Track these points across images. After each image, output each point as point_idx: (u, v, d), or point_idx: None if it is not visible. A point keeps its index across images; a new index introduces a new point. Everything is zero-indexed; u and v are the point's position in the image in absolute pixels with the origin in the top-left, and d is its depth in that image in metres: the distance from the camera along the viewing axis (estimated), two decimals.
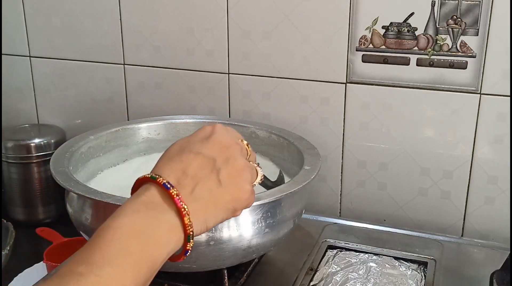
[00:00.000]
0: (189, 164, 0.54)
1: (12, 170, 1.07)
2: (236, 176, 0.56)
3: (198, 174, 0.54)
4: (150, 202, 0.51)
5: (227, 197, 0.55)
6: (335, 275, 0.83)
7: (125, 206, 0.51)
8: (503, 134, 0.94)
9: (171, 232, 0.51)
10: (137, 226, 0.49)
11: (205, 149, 0.56)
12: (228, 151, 0.57)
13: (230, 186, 0.55)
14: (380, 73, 0.98)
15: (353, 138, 1.03)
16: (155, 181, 0.52)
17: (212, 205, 0.54)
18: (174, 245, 0.51)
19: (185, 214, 0.51)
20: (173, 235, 0.51)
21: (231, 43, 1.06)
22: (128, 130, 0.97)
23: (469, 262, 0.90)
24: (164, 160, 0.55)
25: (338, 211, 1.09)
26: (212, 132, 0.58)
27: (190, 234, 0.51)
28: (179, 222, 0.51)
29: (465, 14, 0.91)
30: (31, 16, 1.20)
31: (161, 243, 0.50)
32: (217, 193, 0.54)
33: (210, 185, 0.54)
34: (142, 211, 0.50)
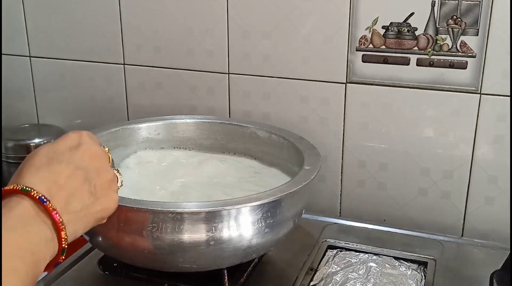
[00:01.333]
0: (59, 175, 0.54)
1: (12, 170, 1.07)
2: (107, 187, 0.58)
3: (70, 185, 0.54)
4: (25, 217, 0.50)
5: (97, 207, 0.56)
6: (335, 275, 0.83)
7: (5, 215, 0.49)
8: (503, 134, 0.94)
9: (49, 246, 0.51)
10: (18, 243, 0.48)
11: (76, 159, 0.56)
12: (98, 161, 0.58)
13: (101, 197, 0.57)
14: (380, 73, 0.98)
15: (353, 138, 1.03)
16: (28, 194, 0.51)
17: (83, 216, 0.55)
18: (49, 258, 0.52)
19: (62, 229, 0.51)
20: (50, 249, 0.51)
21: (231, 43, 1.06)
22: (128, 130, 0.97)
23: (469, 262, 0.90)
24: (31, 170, 0.53)
25: (338, 211, 1.09)
26: (79, 141, 0.58)
27: (64, 247, 0.52)
28: (55, 236, 0.51)
29: (465, 14, 0.91)
30: (31, 16, 1.20)
31: (42, 259, 0.50)
32: (89, 204, 0.55)
33: (82, 197, 0.54)
34: (20, 227, 0.49)
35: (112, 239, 0.73)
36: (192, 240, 0.70)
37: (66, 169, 0.54)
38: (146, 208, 0.69)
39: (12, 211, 0.50)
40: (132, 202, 0.70)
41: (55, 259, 0.52)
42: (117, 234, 0.72)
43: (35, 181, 0.52)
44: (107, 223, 0.72)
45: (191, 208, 0.70)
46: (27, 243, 0.49)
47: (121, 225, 0.71)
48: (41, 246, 0.50)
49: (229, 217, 0.71)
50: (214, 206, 0.71)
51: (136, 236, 0.71)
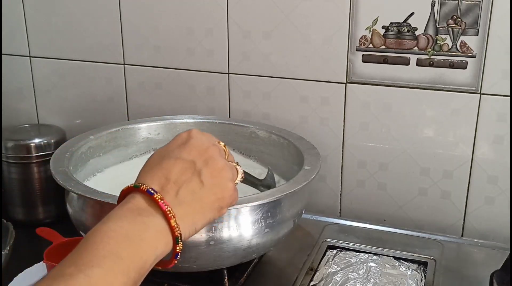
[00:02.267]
0: (170, 170, 0.55)
1: (12, 170, 1.07)
2: (217, 176, 0.57)
3: (180, 178, 0.55)
4: (136, 209, 0.52)
5: (211, 197, 0.56)
6: (335, 275, 0.83)
7: (112, 213, 0.52)
8: (503, 134, 0.94)
9: (158, 236, 0.52)
10: (124, 230, 0.50)
11: (184, 153, 0.57)
12: (207, 153, 0.58)
13: (213, 186, 0.57)
14: (380, 73, 0.98)
15: (353, 138, 1.03)
16: (139, 190, 0.54)
17: (198, 207, 0.55)
18: (163, 249, 0.53)
19: (171, 217, 0.52)
20: (161, 238, 0.52)
21: (231, 43, 1.06)
22: (128, 130, 0.97)
23: (469, 262, 0.90)
24: (145, 170, 0.57)
25: (338, 211, 1.09)
26: (188, 137, 0.60)
27: (177, 236, 0.53)
28: (166, 226, 0.53)
29: (465, 14, 0.91)
30: (31, 16, 1.19)
31: (149, 247, 0.51)
32: (201, 194, 0.56)
33: (193, 187, 0.55)
34: (129, 217, 0.52)
35: None
36: (192, 240, 0.70)
37: (175, 164, 0.56)
38: None
39: (125, 205, 0.53)
40: None
41: (174, 250, 0.54)
42: None
43: (147, 178, 0.55)
44: None
45: None
46: (134, 231, 0.51)
47: None
48: (150, 234, 0.51)
49: (229, 217, 0.71)
50: None
51: None
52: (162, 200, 0.53)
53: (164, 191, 0.54)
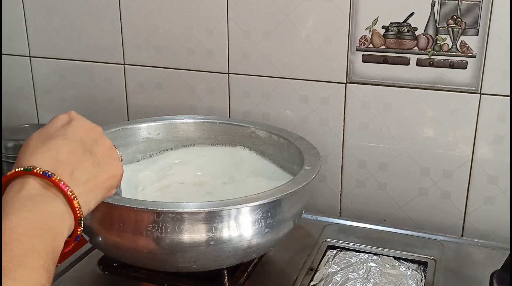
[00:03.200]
0: (59, 151, 0.53)
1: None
2: (108, 154, 0.57)
3: (71, 158, 0.53)
4: (34, 195, 0.49)
5: (104, 175, 0.56)
6: (335, 275, 0.83)
7: (7, 205, 0.48)
8: (503, 134, 0.94)
9: (62, 220, 0.50)
10: (30, 222, 0.47)
11: (70, 133, 0.55)
12: (93, 132, 0.57)
13: (105, 164, 0.56)
14: (380, 73, 0.98)
15: (353, 138, 1.03)
16: (31, 173, 0.50)
17: (92, 186, 0.54)
18: (67, 233, 0.51)
19: (73, 198, 0.51)
20: (66, 222, 0.50)
21: (231, 43, 1.06)
22: (128, 130, 0.97)
23: (469, 262, 0.90)
24: (28, 152, 0.53)
25: (338, 211, 1.09)
26: (69, 118, 0.58)
27: (80, 217, 0.51)
28: (68, 208, 0.51)
29: (465, 14, 0.91)
30: (31, 16, 1.20)
31: (58, 234, 0.49)
32: (95, 173, 0.55)
33: (87, 167, 0.54)
34: (30, 206, 0.48)
35: (112, 239, 0.73)
36: (192, 240, 0.70)
37: (63, 144, 0.54)
38: (146, 208, 0.69)
39: (19, 193, 0.49)
40: (132, 202, 0.70)
41: (74, 233, 0.52)
42: (117, 234, 0.72)
43: (34, 161, 0.52)
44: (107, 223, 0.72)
45: (191, 208, 0.70)
46: (40, 220, 0.48)
47: (121, 225, 0.71)
48: (56, 221, 0.49)
49: (229, 217, 0.71)
50: (214, 206, 0.71)
51: (136, 236, 0.71)
52: (62, 182, 0.50)
53: (57, 172, 0.51)
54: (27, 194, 0.49)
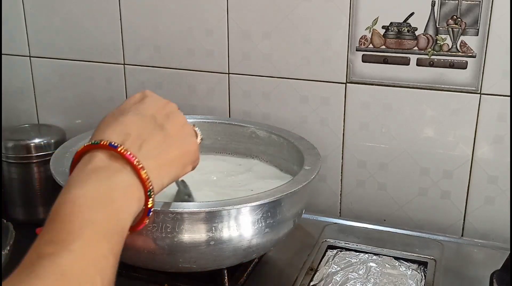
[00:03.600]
0: (129, 125, 0.53)
1: (12, 170, 1.07)
2: (180, 130, 0.56)
3: (142, 133, 0.52)
4: (99, 168, 0.48)
5: (175, 151, 0.54)
6: (335, 275, 0.83)
7: (73, 178, 0.48)
8: (503, 134, 0.94)
9: (129, 192, 0.49)
10: (93, 194, 0.46)
11: (142, 109, 0.55)
12: (166, 108, 0.56)
13: (177, 140, 0.55)
14: (380, 73, 0.98)
15: (353, 138, 1.03)
16: (98, 146, 0.50)
17: (163, 161, 0.53)
18: (137, 206, 0.49)
19: (140, 168, 0.49)
20: (133, 194, 0.49)
21: (231, 43, 1.06)
22: None
23: (469, 262, 0.90)
24: (101, 128, 0.53)
25: (338, 211, 1.09)
26: (143, 95, 0.57)
27: (150, 188, 0.50)
28: (136, 179, 0.49)
29: (465, 14, 0.91)
30: (31, 16, 1.19)
31: (123, 207, 0.48)
32: (165, 148, 0.53)
33: (156, 141, 0.53)
34: (94, 179, 0.47)
35: None
36: (192, 240, 0.70)
37: (133, 119, 0.53)
38: None
39: (86, 167, 0.49)
40: None
41: (145, 206, 0.50)
42: None
43: (104, 135, 0.51)
44: None
45: (191, 208, 0.70)
46: (104, 192, 0.47)
47: None
48: (121, 192, 0.48)
49: (229, 217, 0.71)
50: (214, 206, 0.71)
51: (136, 236, 0.70)
52: (128, 152, 0.49)
53: (126, 146, 0.50)
54: (93, 167, 0.48)
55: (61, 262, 0.40)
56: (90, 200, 0.46)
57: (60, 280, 0.39)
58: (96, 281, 0.41)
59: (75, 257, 0.41)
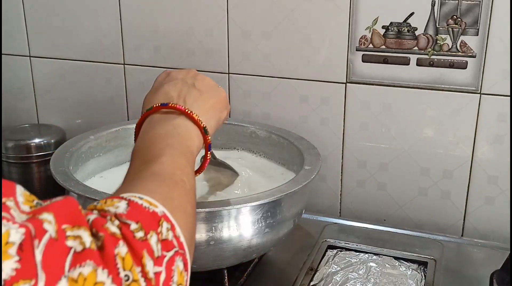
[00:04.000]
0: (169, 91, 0.64)
1: (12, 170, 1.07)
2: (208, 84, 0.67)
3: (180, 93, 0.64)
4: (159, 120, 0.61)
5: (211, 100, 0.66)
6: (335, 275, 0.83)
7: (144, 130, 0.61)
8: (503, 134, 0.94)
9: (189, 130, 0.60)
10: (163, 132, 0.59)
11: (171, 78, 0.67)
12: (190, 73, 0.68)
13: (209, 91, 0.66)
14: (380, 73, 0.98)
15: (353, 138, 1.03)
16: (152, 110, 0.62)
17: (205, 109, 0.64)
18: (198, 141, 0.61)
19: (191, 113, 0.61)
20: (192, 132, 0.61)
21: (231, 43, 1.06)
22: (128, 130, 0.97)
23: (469, 262, 0.90)
24: (146, 103, 0.65)
25: (338, 211, 1.09)
26: (167, 72, 0.69)
27: (204, 127, 0.62)
28: (190, 122, 0.61)
29: (465, 14, 0.91)
30: (31, 16, 1.19)
31: (188, 138, 0.60)
32: (203, 99, 0.65)
33: (194, 95, 0.64)
34: (158, 124, 0.60)
35: None
36: None
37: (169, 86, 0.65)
38: None
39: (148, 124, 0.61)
40: None
41: (206, 143, 0.62)
42: None
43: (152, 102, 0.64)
44: None
45: None
46: (169, 130, 0.59)
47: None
48: (183, 129, 0.60)
49: (229, 217, 0.71)
50: (214, 206, 0.71)
51: None
52: (177, 104, 0.61)
53: (174, 102, 0.62)
54: (154, 120, 0.61)
55: (154, 168, 0.52)
56: (163, 135, 0.58)
57: (155, 177, 0.50)
58: (184, 180, 0.52)
59: (164, 165, 0.52)
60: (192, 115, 0.61)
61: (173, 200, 0.48)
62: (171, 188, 0.50)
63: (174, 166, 0.53)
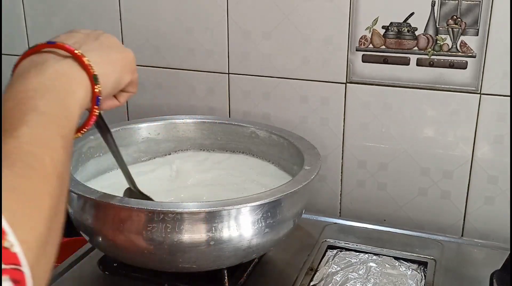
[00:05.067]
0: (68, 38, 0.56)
1: None
2: (115, 41, 0.60)
3: (79, 40, 0.56)
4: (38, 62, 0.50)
5: (115, 54, 0.58)
6: (335, 275, 0.83)
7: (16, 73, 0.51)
8: (503, 134, 0.94)
9: (73, 79, 0.51)
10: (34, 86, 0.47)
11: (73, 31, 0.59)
12: (96, 31, 0.61)
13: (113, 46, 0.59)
14: (380, 73, 0.98)
15: (353, 138, 1.03)
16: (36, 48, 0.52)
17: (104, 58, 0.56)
18: (83, 92, 0.51)
19: (81, 55, 0.52)
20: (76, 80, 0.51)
21: (231, 43, 1.06)
22: (128, 130, 0.97)
23: (469, 262, 0.90)
24: None
25: (338, 211, 1.09)
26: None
27: (94, 74, 0.52)
28: (78, 66, 0.51)
29: (465, 14, 0.91)
30: (31, 16, 1.19)
31: (69, 91, 0.49)
32: (103, 51, 0.57)
33: (93, 46, 0.56)
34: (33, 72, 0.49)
35: (112, 239, 0.73)
36: (192, 240, 0.70)
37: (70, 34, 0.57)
38: (146, 208, 0.69)
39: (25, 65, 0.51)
40: (132, 202, 0.70)
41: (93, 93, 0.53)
42: (117, 234, 0.72)
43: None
44: (107, 223, 0.72)
45: (191, 208, 0.70)
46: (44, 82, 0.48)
47: (121, 225, 0.71)
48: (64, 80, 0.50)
49: (229, 217, 0.71)
50: (214, 206, 0.71)
51: (136, 236, 0.71)
52: (66, 44, 0.52)
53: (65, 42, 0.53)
54: (30, 65, 0.50)
55: (7, 146, 0.40)
56: (31, 92, 0.46)
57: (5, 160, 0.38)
58: (45, 160, 0.41)
59: (20, 141, 0.41)
60: (82, 58, 0.51)
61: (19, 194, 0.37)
62: (20, 176, 0.38)
63: (35, 141, 0.42)
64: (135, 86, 0.66)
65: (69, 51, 0.51)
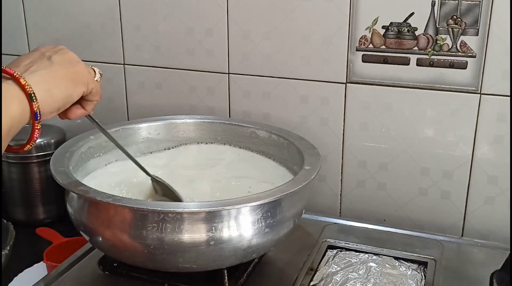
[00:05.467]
0: (20, 59, 0.62)
1: (12, 170, 1.07)
2: (67, 57, 0.65)
3: (31, 62, 0.62)
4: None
5: (62, 71, 0.63)
6: (335, 275, 0.83)
7: None
8: (503, 134, 0.94)
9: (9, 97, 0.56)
10: None
11: (35, 50, 0.65)
12: (55, 48, 0.66)
13: (63, 64, 0.63)
14: (380, 73, 0.98)
15: (353, 138, 1.03)
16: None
17: (49, 77, 0.61)
18: (19, 109, 0.57)
19: (18, 77, 0.58)
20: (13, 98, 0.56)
21: (231, 43, 1.06)
22: (128, 130, 0.97)
23: (469, 262, 0.90)
24: None
25: (338, 211, 1.09)
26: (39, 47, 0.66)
27: (30, 92, 0.58)
28: (16, 86, 0.57)
29: (465, 14, 0.91)
30: (31, 16, 1.19)
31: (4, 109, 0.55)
32: (51, 69, 0.62)
33: (42, 65, 0.62)
34: None
35: (112, 239, 0.73)
36: (192, 240, 0.70)
37: (26, 56, 0.63)
38: (146, 208, 0.69)
39: None
40: (132, 202, 0.70)
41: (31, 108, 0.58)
42: (117, 234, 0.72)
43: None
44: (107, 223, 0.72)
45: (191, 208, 0.70)
46: None
47: (121, 225, 0.71)
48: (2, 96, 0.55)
49: (229, 217, 0.71)
50: (214, 206, 0.71)
51: (136, 236, 0.71)
52: (9, 68, 0.58)
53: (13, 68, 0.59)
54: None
55: None
56: None
57: None
58: None
59: None
60: (19, 79, 0.58)
61: None
62: None
63: None
64: (97, 94, 0.70)
65: (9, 74, 0.58)
